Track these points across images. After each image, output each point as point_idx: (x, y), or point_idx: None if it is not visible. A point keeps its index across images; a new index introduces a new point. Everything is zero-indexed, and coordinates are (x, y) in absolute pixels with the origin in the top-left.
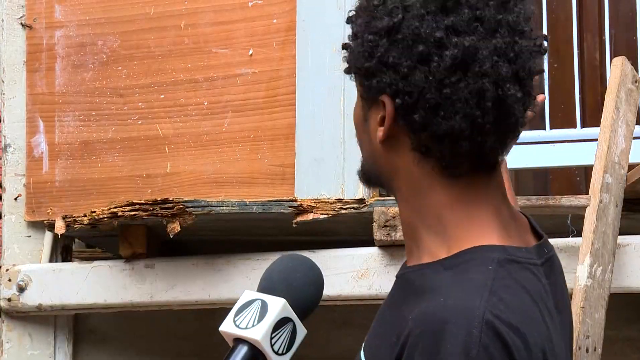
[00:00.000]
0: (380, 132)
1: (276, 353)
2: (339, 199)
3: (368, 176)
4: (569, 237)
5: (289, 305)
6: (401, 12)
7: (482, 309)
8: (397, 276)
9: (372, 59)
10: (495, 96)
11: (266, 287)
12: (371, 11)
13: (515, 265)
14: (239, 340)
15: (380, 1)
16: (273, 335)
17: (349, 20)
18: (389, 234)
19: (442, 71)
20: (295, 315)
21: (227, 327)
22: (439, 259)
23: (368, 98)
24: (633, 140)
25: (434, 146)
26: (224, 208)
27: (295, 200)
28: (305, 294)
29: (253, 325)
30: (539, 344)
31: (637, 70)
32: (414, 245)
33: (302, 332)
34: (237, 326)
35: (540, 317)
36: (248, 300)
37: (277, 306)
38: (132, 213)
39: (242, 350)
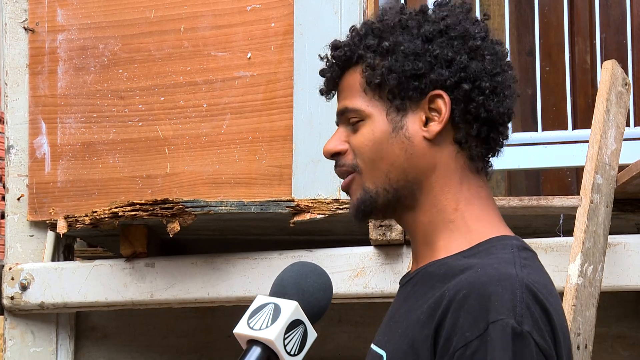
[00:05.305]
0: (435, 126)
1: (289, 354)
2: (336, 199)
3: (376, 200)
4: (560, 236)
5: (300, 308)
6: (450, 17)
7: (520, 275)
8: (404, 282)
9: (423, 58)
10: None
11: (278, 291)
12: (410, 23)
13: (529, 252)
14: (252, 342)
15: (414, 12)
16: (286, 336)
17: (366, 46)
18: (384, 233)
19: (493, 61)
20: (307, 318)
21: (241, 329)
22: (458, 252)
23: (409, 101)
24: (623, 142)
25: (474, 135)
26: (223, 208)
27: (293, 201)
28: (316, 299)
29: (267, 327)
30: (563, 317)
31: (627, 74)
32: (426, 248)
33: (312, 334)
34: (251, 328)
35: (558, 296)
36: (261, 304)
37: (290, 308)
38: (133, 213)
39: (256, 351)
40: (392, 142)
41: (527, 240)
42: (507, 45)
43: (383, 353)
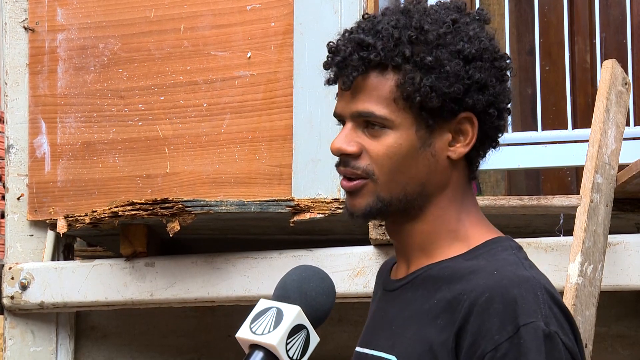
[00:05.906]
0: (462, 148)
1: (291, 359)
2: (336, 199)
3: (388, 208)
4: (560, 236)
5: (303, 313)
6: (484, 37)
7: (535, 276)
8: (397, 286)
9: (462, 81)
10: None
11: (281, 295)
12: (449, 39)
13: (523, 251)
14: (255, 347)
15: (449, 29)
16: (288, 341)
17: (404, 56)
18: (384, 232)
19: (508, 80)
20: (309, 323)
21: (244, 333)
22: (458, 255)
23: (440, 120)
24: (623, 141)
25: (481, 150)
26: (223, 207)
27: (293, 200)
28: (318, 303)
29: (269, 332)
30: None
31: (627, 73)
32: (421, 254)
33: (315, 339)
34: (254, 333)
35: None
36: (264, 308)
37: (292, 313)
38: (133, 212)
39: (258, 356)
40: (418, 158)
41: (526, 240)
42: (507, 45)
43: (392, 357)
